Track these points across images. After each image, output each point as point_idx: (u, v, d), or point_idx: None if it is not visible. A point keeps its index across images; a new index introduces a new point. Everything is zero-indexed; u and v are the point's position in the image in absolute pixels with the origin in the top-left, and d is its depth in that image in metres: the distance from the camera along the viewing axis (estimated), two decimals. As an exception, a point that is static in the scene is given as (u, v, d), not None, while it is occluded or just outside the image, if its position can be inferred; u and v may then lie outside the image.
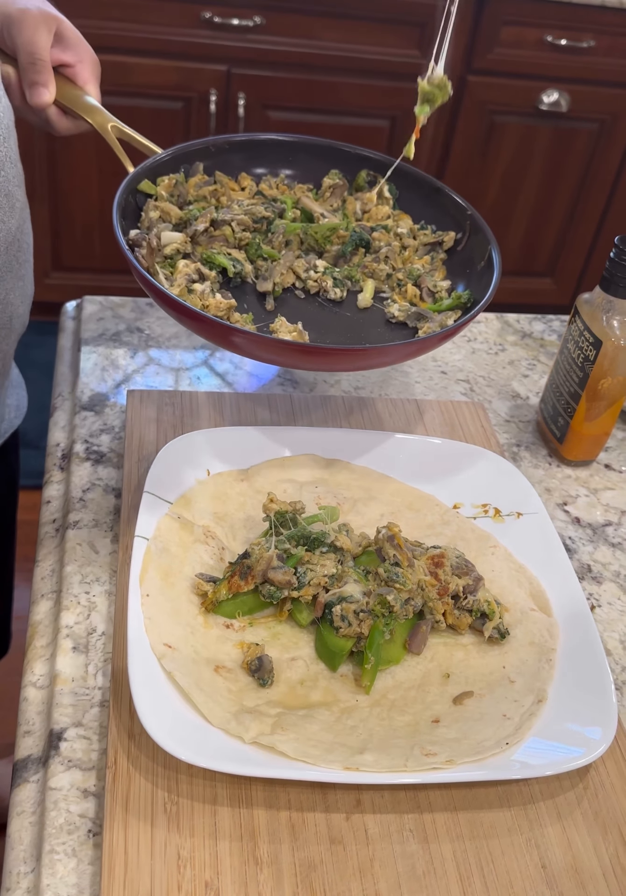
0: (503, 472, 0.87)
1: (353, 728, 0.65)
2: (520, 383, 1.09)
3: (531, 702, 0.69)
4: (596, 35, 2.32)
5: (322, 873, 0.59)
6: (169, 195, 0.88)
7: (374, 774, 0.61)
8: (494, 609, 0.73)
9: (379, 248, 0.91)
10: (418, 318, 0.85)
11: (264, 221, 0.88)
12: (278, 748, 0.62)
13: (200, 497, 0.80)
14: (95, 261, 2.44)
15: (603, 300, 0.88)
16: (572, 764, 0.64)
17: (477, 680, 0.71)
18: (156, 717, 0.61)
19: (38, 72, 0.84)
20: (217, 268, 0.84)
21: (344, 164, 0.98)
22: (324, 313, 0.86)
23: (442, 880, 0.60)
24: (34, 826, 0.61)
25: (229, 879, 0.58)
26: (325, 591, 0.71)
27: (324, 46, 2.22)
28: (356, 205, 0.95)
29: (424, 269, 0.91)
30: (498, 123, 2.42)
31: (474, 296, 0.87)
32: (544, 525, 0.82)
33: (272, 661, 0.68)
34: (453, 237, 0.94)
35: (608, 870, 0.62)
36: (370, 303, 0.87)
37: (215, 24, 2.13)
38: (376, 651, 0.69)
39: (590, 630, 0.73)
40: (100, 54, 0.91)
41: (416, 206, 0.97)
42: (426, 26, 2.23)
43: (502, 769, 0.63)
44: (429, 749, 0.63)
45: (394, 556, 0.72)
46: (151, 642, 0.66)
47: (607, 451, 1.01)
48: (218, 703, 0.64)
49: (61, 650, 0.70)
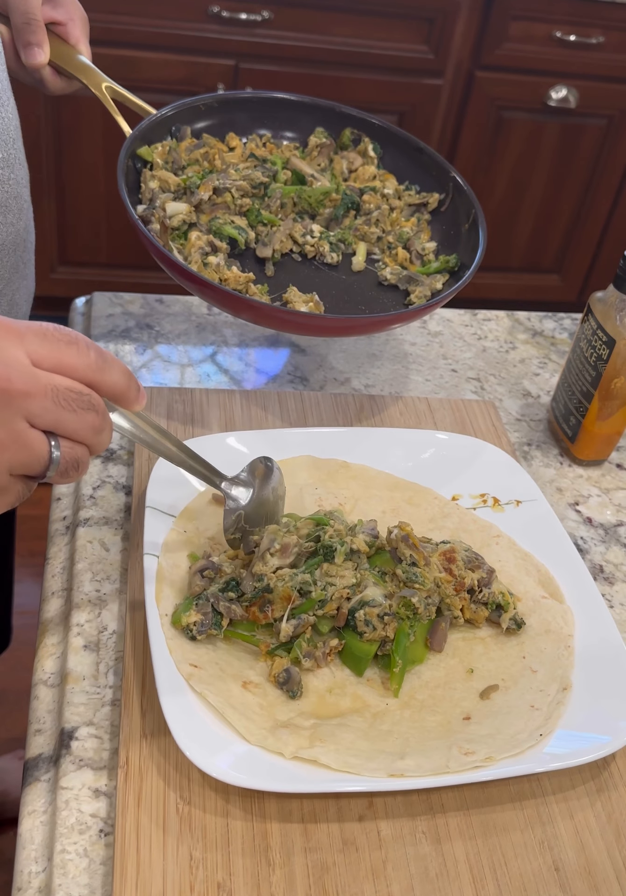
0: (498, 461, 0.87)
1: (388, 733, 0.65)
2: (531, 382, 1.08)
3: (556, 690, 0.69)
4: (605, 31, 2.31)
5: (335, 875, 0.59)
6: (164, 162, 0.89)
7: (420, 779, 0.61)
8: (508, 600, 0.73)
9: (369, 210, 0.94)
10: (408, 281, 0.90)
11: (262, 187, 0.91)
12: (321, 761, 0.61)
13: (203, 508, 0.79)
14: (102, 256, 2.44)
15: (617, 299, 0.87)
16: (602, 751, 0.64)
17: (500, 672, 0.71)
18: (197, 743, 0.60)
19: (33, 32, 0.84)
20: (226, 238, 0.86)
21: (328, 121, 1.00)
22: (320, 277, 0.90)
23: (455, 882, 0.59)
24: (45, 826, 0.61)
25: (242, 881, 0.57)
26: (347, 601, 0.70)
27: (332, 41, 2.22)
28: (343, 164, 0.98)
29: (412, 231, 0.94)
30: (506, 119, 2.41)
31: (461, 259, 0.92)
32: (543, 511, 0.82)
33: (299, 671, 0.67)
34: (437, 198, 0.97)
35: (621, 872, 0.62)
36: (364, 266, 0.91)
37: (223, 18, 2.12)
38: (403, 654, 0.68)
39: (603, 613, 0.74)
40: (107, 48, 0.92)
41: (399, 166, 1.00)
42: (435, 21, 2.22)
43: (540, 762, 0.63)
44: (467, 748, 0.63)
45: (410, 556, 0.71)
46: (176, 663, 0.65)
47: (619, 450, 1.00)
48: (252, 720, 0.63)
49: (72, 648, 0.70)
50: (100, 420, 0.53)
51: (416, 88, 2.32)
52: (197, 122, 0.96)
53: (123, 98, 0.89)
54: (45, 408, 0.50)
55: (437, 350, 1.10)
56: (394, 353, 1.08)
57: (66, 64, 0.87)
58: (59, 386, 0.51)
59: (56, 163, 2.25)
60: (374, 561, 0.74)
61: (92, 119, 2.14)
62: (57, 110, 2.13)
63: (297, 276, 0.87)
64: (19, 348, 0.49)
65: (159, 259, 0.79)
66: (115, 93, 0.88)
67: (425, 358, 1.09)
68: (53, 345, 0.51)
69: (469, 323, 1.16)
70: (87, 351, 0.52)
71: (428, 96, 2.34)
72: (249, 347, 1.05)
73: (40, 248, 0.95)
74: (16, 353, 0.49)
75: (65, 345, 0.51)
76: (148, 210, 0.85)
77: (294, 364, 1.04)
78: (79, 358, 0.52)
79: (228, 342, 1.05)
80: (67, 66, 0.87)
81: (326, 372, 1.03)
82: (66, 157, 2.25)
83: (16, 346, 0.49)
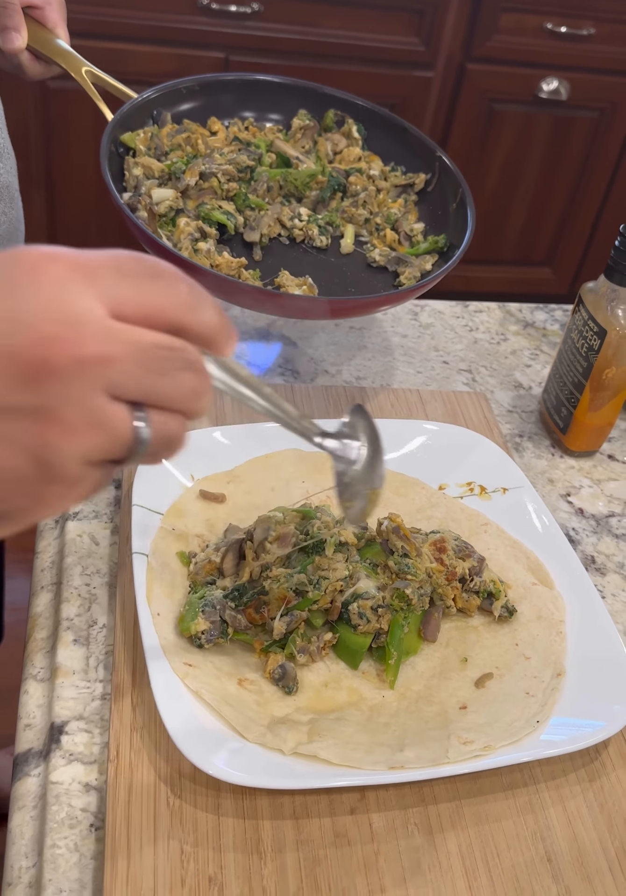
0: (483, 449, 0.87)
1: (386, 725, 0.65)
2: (522, 373, 1.08)
3: (550, 676, 0.69)
4: (596, 23, 2.30)
5: (327, 868, 0.58)
6: (146, 148, 0.89)
7: (420, 771, 0.61)
8: (499, 588, 0.73)
9: (356, 192, 0.94)
10: (397, 262, 0.89)
11: (248, 170, 0.90)
12: (321, 756, 0.61)
13: (190, 505, 0.78)
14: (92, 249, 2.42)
15: (608, 289, 0.87)
16: (598, 736, 0.64)
17: (494, 660, 0.71)
18: (195, 743, 0.59)
19: (9, 16, 0.83)
20: (215, 224, 0.86)
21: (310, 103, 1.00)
22: (309, 260, 0.89)
23: (447, 875, 0.59)
24: (35, 820, 0.60)
25: (233, 874, 0.57)
26: (340, 594, 0.69)
27: (322, 33, 2.21)
28: (327, 146, 0.98)
29: (399, 212, 0.94)
30: (497, 111, 2.40)
31: (450, 239, 0.91)
32: (530, 498, 0.82)
33: (294, 666, 0.67)
34: (423, 179, 0.97)
35: (613, 863, 0.62)
36: (352, 248, 0.91)
37: (213, 10, 2.11)
38: (398, 645, 0.68)
39: (593, 597, 0.74)
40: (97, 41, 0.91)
41: (384, 147, 1.00)
42: (425, 13, 2.21)
43: (538, 748, 0.63)
44: (465, 737, 0.63)
45: (402, 547, 0.71)
46: (171, 663, 0.65)
47: (610, 441, 1.00)
48: (249, 717, 0.63)
49: (62, 643, 0.70)
50: (199, 380, 0.42)
51: (407, 81, 2.32)
52: (180, 105, 0.95)
53: (104, 82, 0.88)
54: (129, 374, 0.39)
55: (428, 342, 1.10)
56: (385, 345, 1.08)
57: (44, 48, 0.86)
58: (145, 343, 0.39)
59: (45, 156, 2.24)
60: (364, 553, 0.74)
61: (81, 111, 2.13)
62: (46, 103, 2.11)
63: (286, 260, 0.87)
64: (91, 295, 0.38)
65: (149, 246, 0.78)
66: (95, 77, 0.87)
67: (416, 350, 1.08)
68: (134, 283, 0.39)
69: (461, 315, 1.16)
70: (175, 286, 0.41)
71: (419, 89, 2.33)
72: (240, 340, 1.05)
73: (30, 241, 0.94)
74: (87, 302, 0.38)
75: (148, 280, 0.40)
76: (134, 197, 0.84)
77: (285, 357, 1.03)
78: (167, 297, 0.40)
79: (218, 335, 1.05)
80: (46, 51, 0.86)
81: (317, 364, 1.03)
82: (56, 150, 2.23)
83: (87, 292, 0.38)
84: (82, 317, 0.37)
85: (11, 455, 0.37)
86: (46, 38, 0.86)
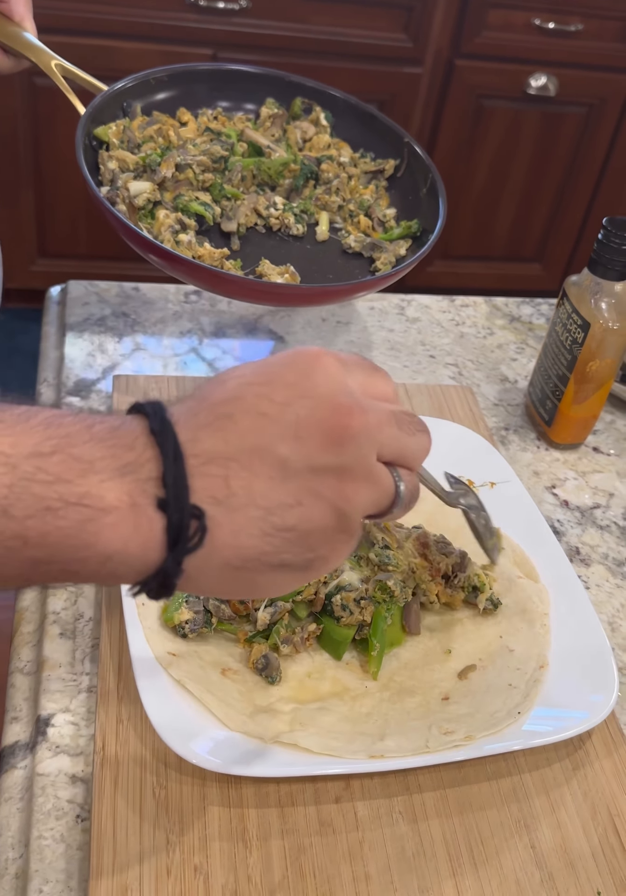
0: (472, 443, 0.87)
1: (368, 715, 0.65)
2: (508, 367, 1.08)
3: (533, 668, 0.69)
4: (584, 18, 2.31)
5: (312, 856, 0.59)
6: (119, 142, 0.89)
7: (400, 760, 0.61)
8: (484, 581, 0.73)
9: (328, 179, 0.95)
10: (372, 248, 0.91)
11: (222, 160, 0.91)
12: (301, 744, 0.61)
13: None
14: (81, 247, 2.42)
15: (591, 282, 0.88)
16: (580, 727, 0.65)
17: (478, 652, 0.71)
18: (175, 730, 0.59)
19: None
20: (193, 215, 0.86)
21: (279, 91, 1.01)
22: (286, 248, 0.90)
23: (432, 862, 0.60)
24: (22, 812, 0.60)
25: (219, 863, 0.57)
26: (324, 586, 0.70)
27: (310, 30, 2.21)
28: (297, 134, 0.98)
29: (371, 198, 0.95)
30: (486, 107, 2.41)
31: (423, 224, 0.92)
32: (517, 492, 0.83)
33: (278, 657, 0.67)
34: (392, 165, 0.98)
35: (597, 850, 0.62)
36: (328, 235, 0.92)
37: (201, 7, 2.11)
38: (381, 637, 0.69)
39: (577, 590, 0.75)
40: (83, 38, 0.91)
41: (352, 134, 1.01)
42: (413, 10, 2.21)
43: (519, 739, 0.64)
44: (446, 727, 0.64)
45: (382, 538, 0.72)
46: (155, 652, 0.65)
47: (595, 434, 1.01)
48: (232, 706, 0.63)
49: (48, 636, 0.70)
50: (429, 439, 0.49)
51: (395, 77, 2.32)
52: (151, 97, 0.96)
53: (74, 75, 0.88)
54: (391, 436, 0.46)
55: (415, 336, 1.10)
56: (372, 339, 1.08)
57: (12, 42, 0.85)
58: (396, 411, 0.47)
59: (34, 154, 2.23)
60: (351, 546, 0.74)
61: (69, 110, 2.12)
62: (33, 102, 2.11)
63: (263, 249, 0.88)
64: (349, 377, 0.45)
65: (131, 240, 0.79)
66: (65, 70, 0.87)
67: (403, 344, 1.09)
68: (368, 372, 0.48)
69: (447, 309, 1.17)
70: (388, 379, 0.49)
71: (408, 85, 2.34)
72: (227, 336, 1.05)
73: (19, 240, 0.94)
74: (351, 382, 0.45)
75: (372, 372, 0.48)
76: (112, 191, 0.85)
77: (273, 351, 1.04)
78: (388, 385, 0.48)
79: (204, 330, 1.05)
80: (14, 45, 0.85)
81: (303, 359, 1.03)
82: (44, 148, 2.23)
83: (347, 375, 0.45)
84: (356, 392, 0.45)
85: (322, 508, 0.43)
86: (14, 31, 0.85)
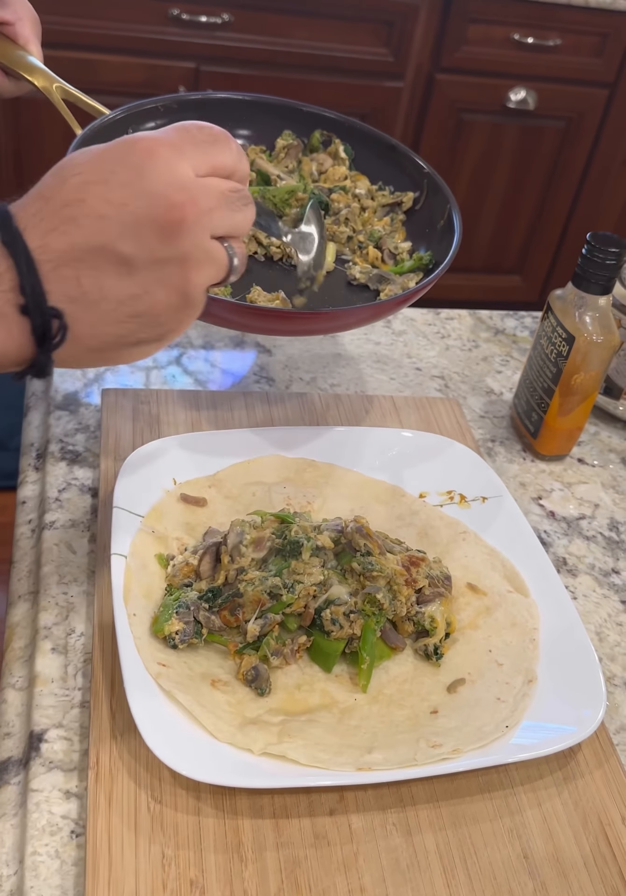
0: (464, 458, 0.88)
1: (356, 728, 0.65)
2: (494, 379, 1.10)
3: (522, 682, 0.70)
4: (562, 33, 2.34)
5: (307, 869, 0.59)
6: None
7: (386, 772, 0.62)
8: (436, 627, 0.71)
9: (338, 210, 0.92)
10: (379, 280, 0.87)
11: None
12: (289, 756, 0.61)
13: (171, 508, 0.79)
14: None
15: (575, 296, 0.89)
16: (567, 741, 0.65)
17: (467, 666, 0.72)
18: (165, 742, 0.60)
19: None
20: None
21: (298, 123, 0.98)
22: (288, 278, 0.87)
23: (426, 873, 0.60)
24: (16, 828, 0.60)
25: (214, 877, 0.57)
26: (313, 600, 0.70)
27: (292, 44, 2.22)
28: (312, 165, 0.96)
29: (384, 230, 0.92)
30: (466, 121, 2.43)
31: (436, 257, 0.88)
32: (508, 507, 0.83)
33: (267, 668, 0.68)
34: (411, 197, 0.94)
35: (588, 859, 0.63)
36: (332, 266, 0.89)
37: (183, 20, 2.12)
38: (371, 650, 0.69)
39: (567, 606, 0.75)
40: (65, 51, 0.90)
41: (372, 166, 0.97)
42: (394, 24, 2.23)
43: (506, 753, 0.64)
44: (434, 741, 0.64)
45: (365, 545, 0.72)
46: (145, 662, 0.65)
47: (580, 445, 1.02)
48: (221, 718, 0.63)
49: (40, 651, 0.70)
50: (252, 210, 0.55)
51: (376, 91, 2.34)
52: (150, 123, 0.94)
53: (76, 99, 0.87)
54: (222, 217, 0.52)
55: (401, 349, 1.11)
56: (359, 352, 1.09)
57: (15, 65, 0.84)
58: (225, 191, 0.52)
59: (15, 167, 2.23)
60: (341, 559, 0.74)
61: (53, 122, 2.12)
62: (16, 114, 2.11)
63: (262, 277, 0.86)
64: (185, 164, 0.50)
65: None
66: (67, 94, 0.86)
67: (389, 357, 1.09)
68: (204, 148, 0.52)
69: (433, 322, 1.18)
70: (229, 145, 0.53)
71: (389, 99, 2.36)
72: (214, 349, 1.06)
73: None
74: (186, 170, 0.50)
75: (211, 144, 0.52)
76: None
77: (260, 364, 1.04)
78: (227, 155, 0.53)
79: (192, 343, 1.05)
80: (17, 68, 0.84)
81: (292, 372, 1.04)
82: (27, 161, 2.23)
83: (182, 163, 0.50)
84: (188, 182, 0.50)
85: (168, 293, 0.51)
86: (17, 54, 0.85)
